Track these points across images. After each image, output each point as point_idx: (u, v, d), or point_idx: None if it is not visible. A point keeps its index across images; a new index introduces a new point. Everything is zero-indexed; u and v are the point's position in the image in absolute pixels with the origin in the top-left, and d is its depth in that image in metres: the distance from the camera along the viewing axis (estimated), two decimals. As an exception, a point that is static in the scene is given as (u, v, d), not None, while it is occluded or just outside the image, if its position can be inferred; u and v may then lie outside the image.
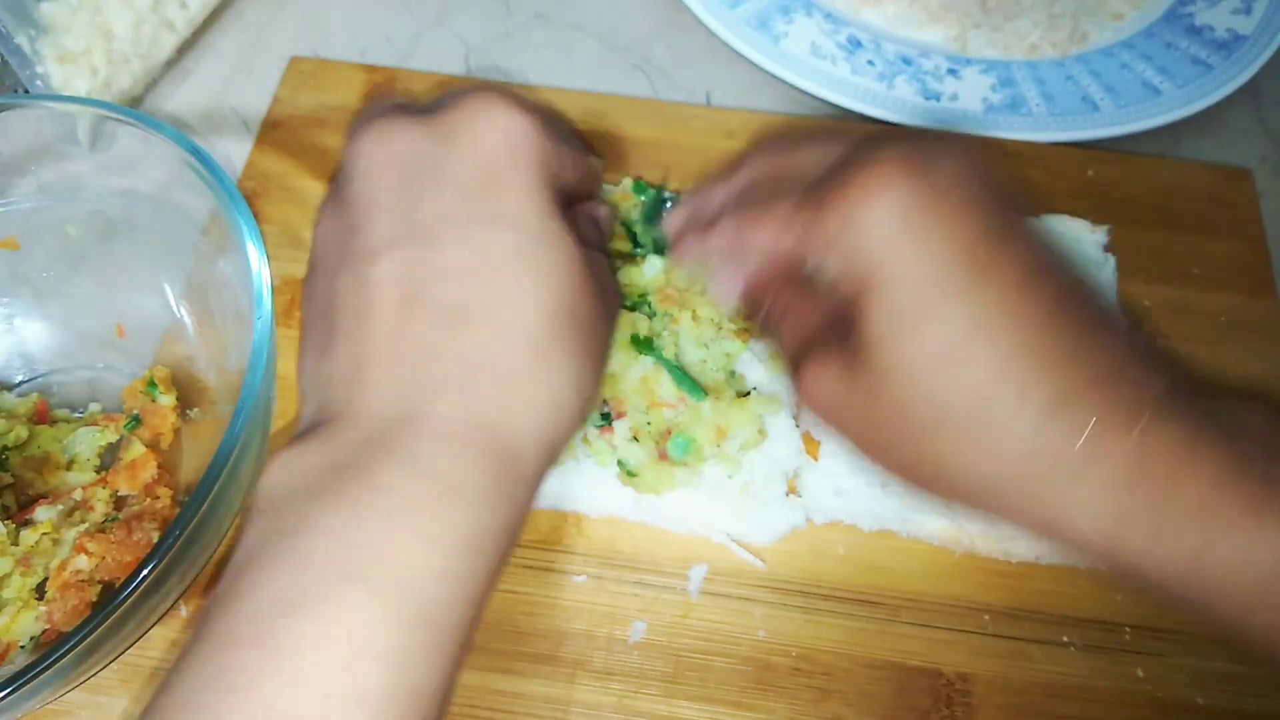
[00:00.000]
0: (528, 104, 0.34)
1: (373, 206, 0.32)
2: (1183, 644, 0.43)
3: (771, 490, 0.44)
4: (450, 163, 0.32)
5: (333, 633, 0.26)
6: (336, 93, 0.58)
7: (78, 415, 0.47)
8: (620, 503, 0.44)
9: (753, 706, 0.41)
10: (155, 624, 0.39)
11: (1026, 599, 0.44)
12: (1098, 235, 0.51)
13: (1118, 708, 0.42)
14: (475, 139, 0.32)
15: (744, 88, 0.60)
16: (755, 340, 0.47)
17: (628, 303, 0.47)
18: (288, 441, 0.31)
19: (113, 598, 0.33)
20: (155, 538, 0.41)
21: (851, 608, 0.43)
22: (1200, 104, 0.56)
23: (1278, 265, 0.53)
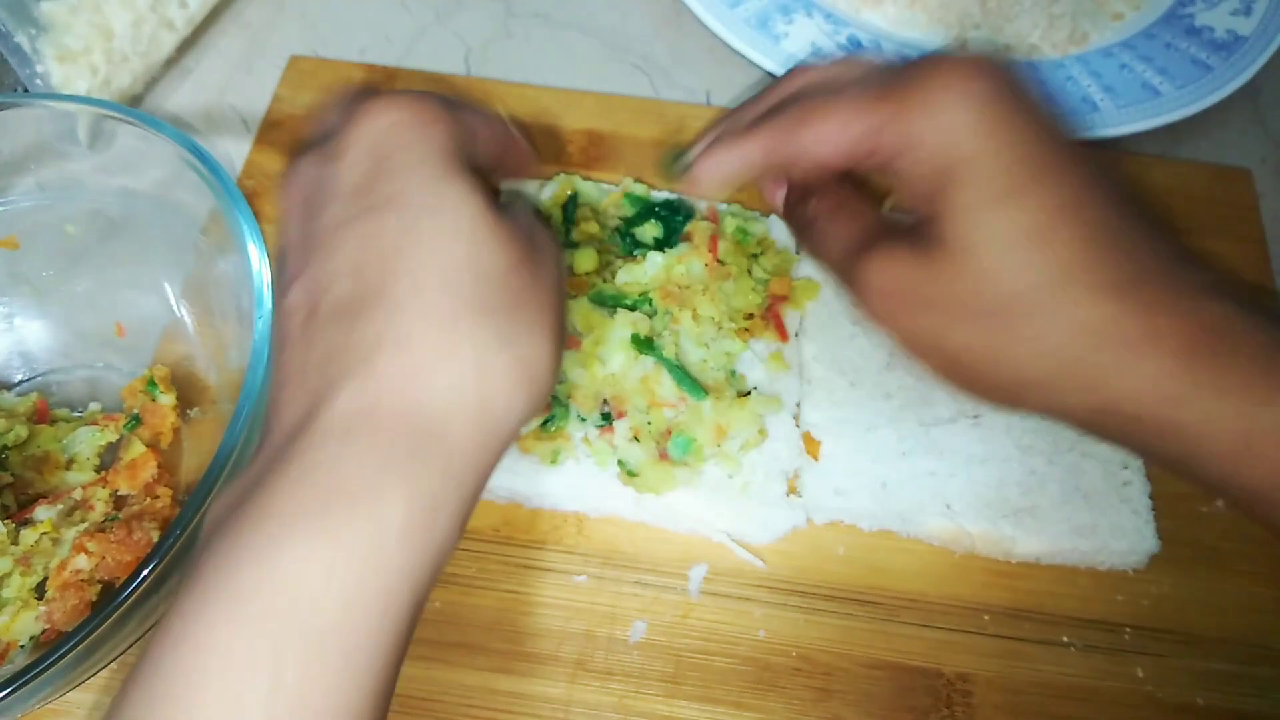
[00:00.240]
0: (418, 93, 0.32)
1: (286, 249, 0.32)
2: (1183, 644, 0.43)
3: (771, 490, 0.44)
4: (340, 174, 0.31)
5: (217, 667, 0.25)
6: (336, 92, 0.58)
7: (77, 414, 0.47)
8: (620, 503, 0.44)
9: (753, 706, 0.41)
10: (155, 624, 0.39)
11: (1026, 599, 0.44)
12: (1097, 236, 0.51)
13: (1118, 708, 0.42)
14: (360, 140, 0.31)
15: (744, 88, 0.60)
16: (755, 339, 0.47)
17: (628, 302, 0.47)
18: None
19: (113, 597, 0.33)
20: (155, 537, 0.41)
21: (851, 608, 0.43)
22: (1200, 105, 0.56)
23: (1277, 265, 0.53)
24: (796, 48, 0.59)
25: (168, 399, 0.46)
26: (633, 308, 0.46)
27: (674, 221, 0.50)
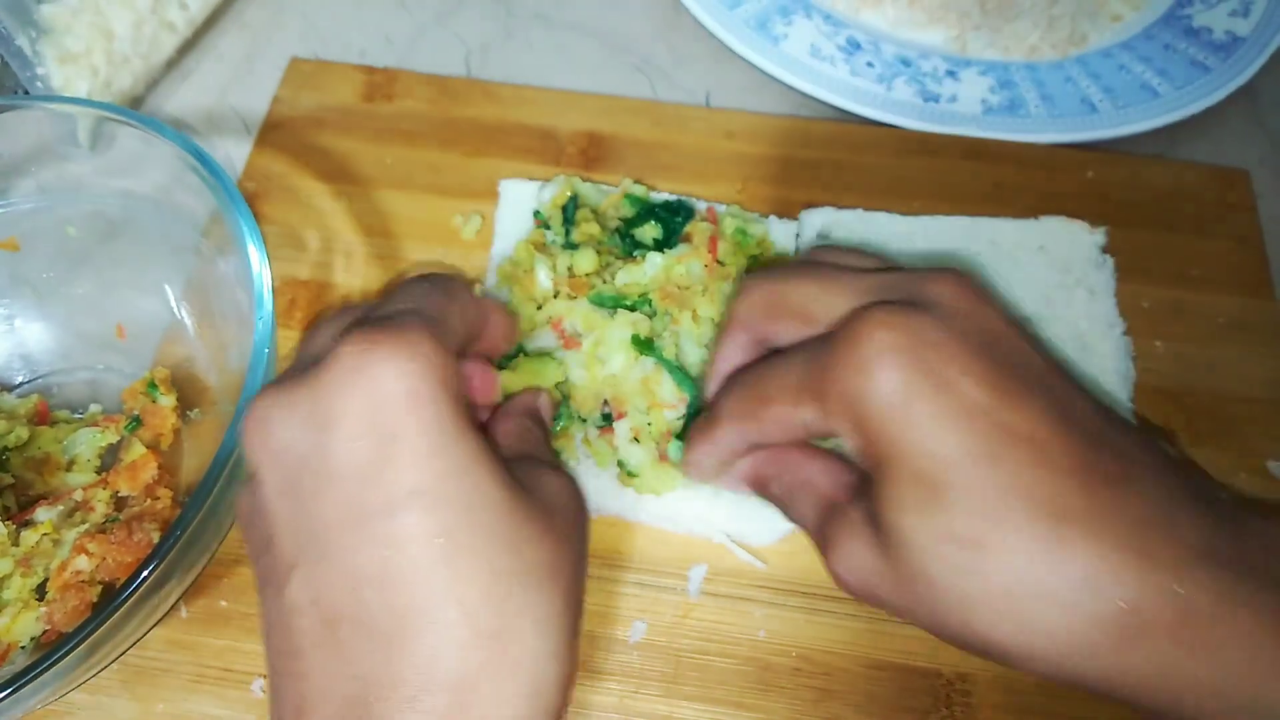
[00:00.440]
0: (401, 328, 0.29)
1: (272, 520, 0.30)
2: (1182, 644, 0.43)
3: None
4: (331, 451, 0.28)
5: None
6: (336, 94, 0.58)
7: (78, 416, 0.47)
8: (620, 503, 0.44)
9: (753, 707, 0.41)
10: (155, 624, 0.39)
11: (1026, 599, 0.44)
12: (1096, 236, 0.51)
13: (1117, 708, 0.41)
14: (353, 411, 0.28)
15: (743, 89, 0.61)
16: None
17: (628, 303, 0.47)
18: None
19: (113, 598, 0.33)
20: (155, 538, 0.41)
21: (851, 608, 0.43)
22: (1198, 105, 0.56)
23: (1275, 266, 0.53)
24: (796, 49, 0.59)
25: (168, 400, 0.46)
26: (633, 308, 0.46)
27: (674, 222, 0.50)
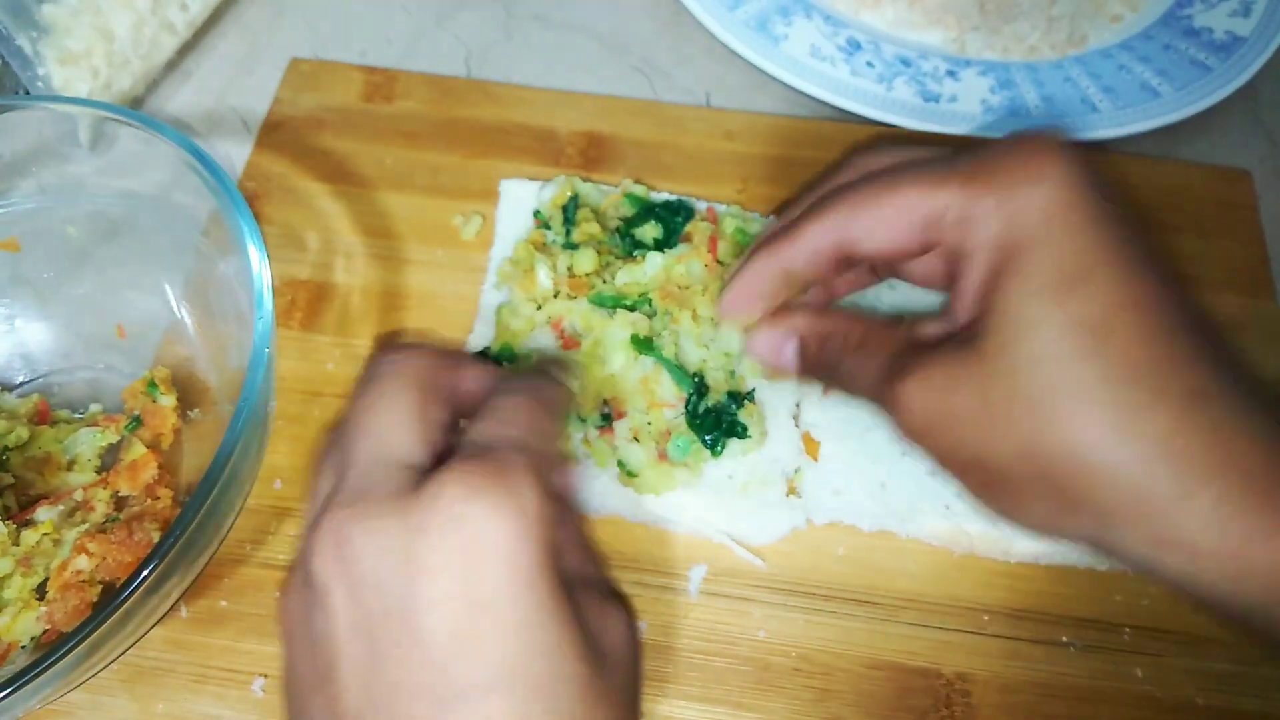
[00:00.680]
0: (505, 477, 0.28)
1: (339, 656, 0.28)
2: (1182, 644, 0.43)
3: (771, 491, 0.44)
4: (419, 607, 0.27)
5: None
6: (336, 94, 0.58)
7: (79, 416, 0.47)
8: (620, 503, 0.44)
9: (752, 706, 0.41)
10: (155, 624, 0.39)
11: (1026, 599, 0.44)
12: (1096, 236, 0.51)
13: (1117, 708, 0.42)
14: (444, 568, 0.27)
15: (743, 89, 0.61)
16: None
17: (627, 303, 0.47)
18: None
19: (113, 598, 0.33)
20: (156, 538, 0.41)
21: (851, 608, 0.43)
22: (1199, 106, 0.56)
23: (1276, 266, 0.53)
24: (796, 49, 0.59)
25: (168, 400, 0.46)
26: (632, 308, 0.46)
27: (674, 222, 0.50)
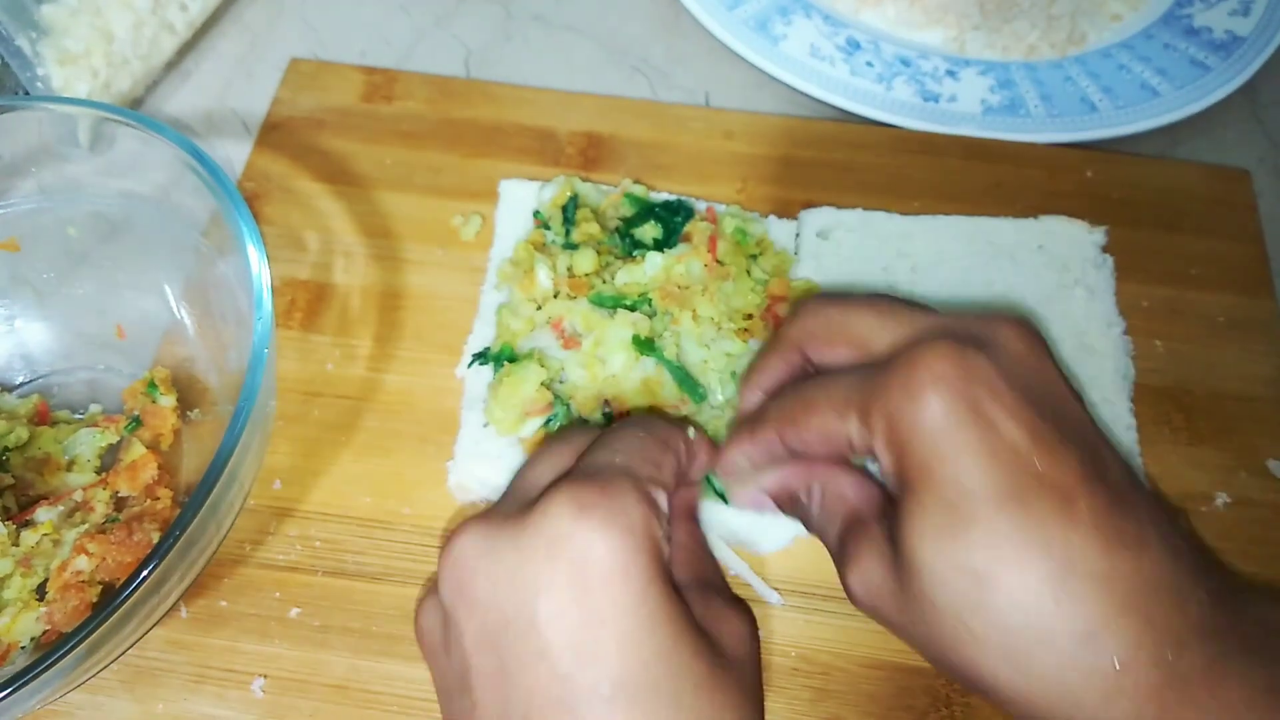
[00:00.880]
0: (610, 495, 0.31)
1: (472, 670, 0.31)
2: (1181, 644, 0.43)
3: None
4: (537, 623, 0.30)
5: None
6: (336, 94, 0.58)
7: (78, 416, 0.47)
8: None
9: (752, 706, 0.41)
10: (155, 624, 0.39)
11: (1025, 599, 0.44)
12: (1096, 236, 0.51)
13: None
14: (557, 585, 0.30)
15: (743, 89, 0.61)
16: (754, 339, 0.47)
17: (628, 303, 0.47)
18: None
19: (113, 598, 0.33)
20: (155, 539, 0.41)
21: (851, 609, 0.43)
22: (1198, 105, 0.56)
23: (1275, 265, 0.53)
24: (795, 49, 0.59)
25: (168, 401, 0.46)
26: (633, 308, 0.46)
27: (673, 222, 0.50)
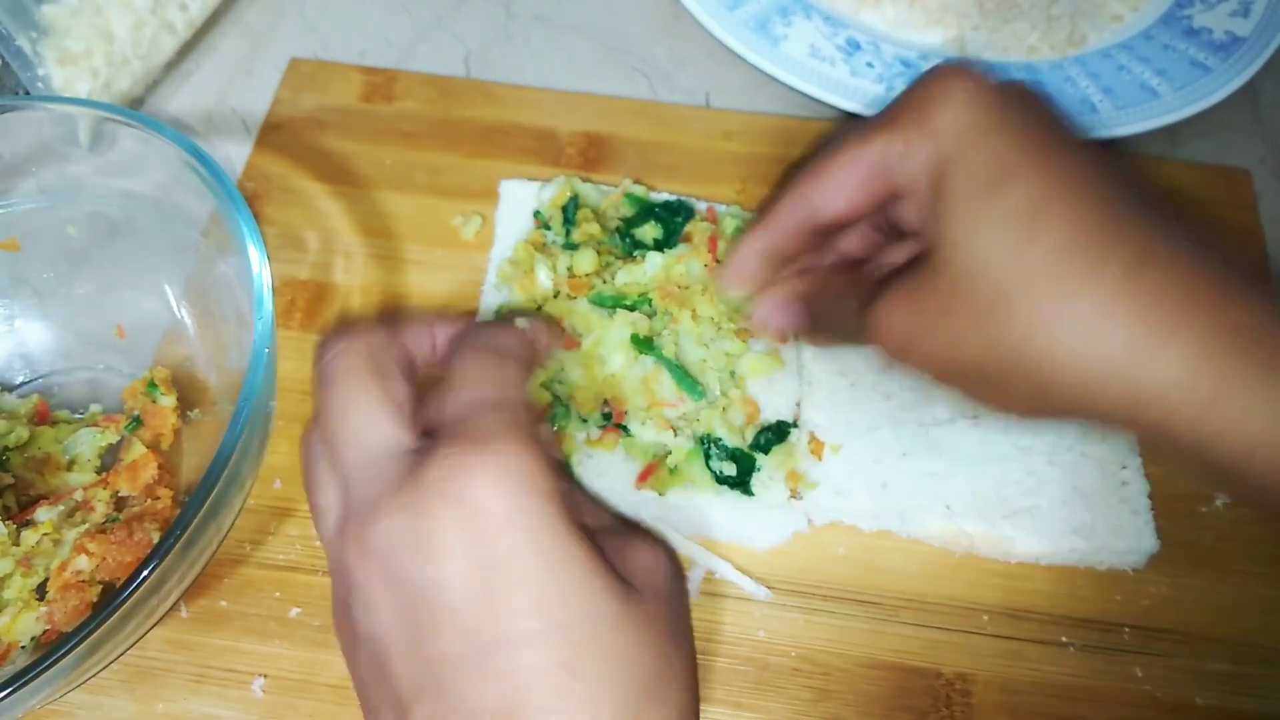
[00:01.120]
0: (485, 443, 0.29)
1: (389, 650, 0.30)
2: (1182, 644, 0.43)
3: (774, 493, 0.44)
4: (442, 584, 0.29)
5: None
6: (336, 94, 0.58)
7: (78, 416, 0.47)
8: (623, 505, 0.44)
9: (752, 706, 0.41)
10: (155, 624, 0.39)
11: (1025, 599, 0.44)
12: (1096, 236, 0.51)
13: (1117, 708, 0.42)
14: (452, 543, 0.29)
15: (743, 89, 0.61)
16: (754, 338, 0.47)
17: (627, 303, 0.47)
18: None
19: (113, 598, 0.33)
20: (156, 538, 0.41)
21: (851, 608, 0.43)
22: (1198, 106, 0.56)
23: (1276, 266, 0.53)
24: (795, 50, 0.59)
25: (168, 400, 0.46)
26: (632, 308, 0.46)
27: (673, 222, 0.50)
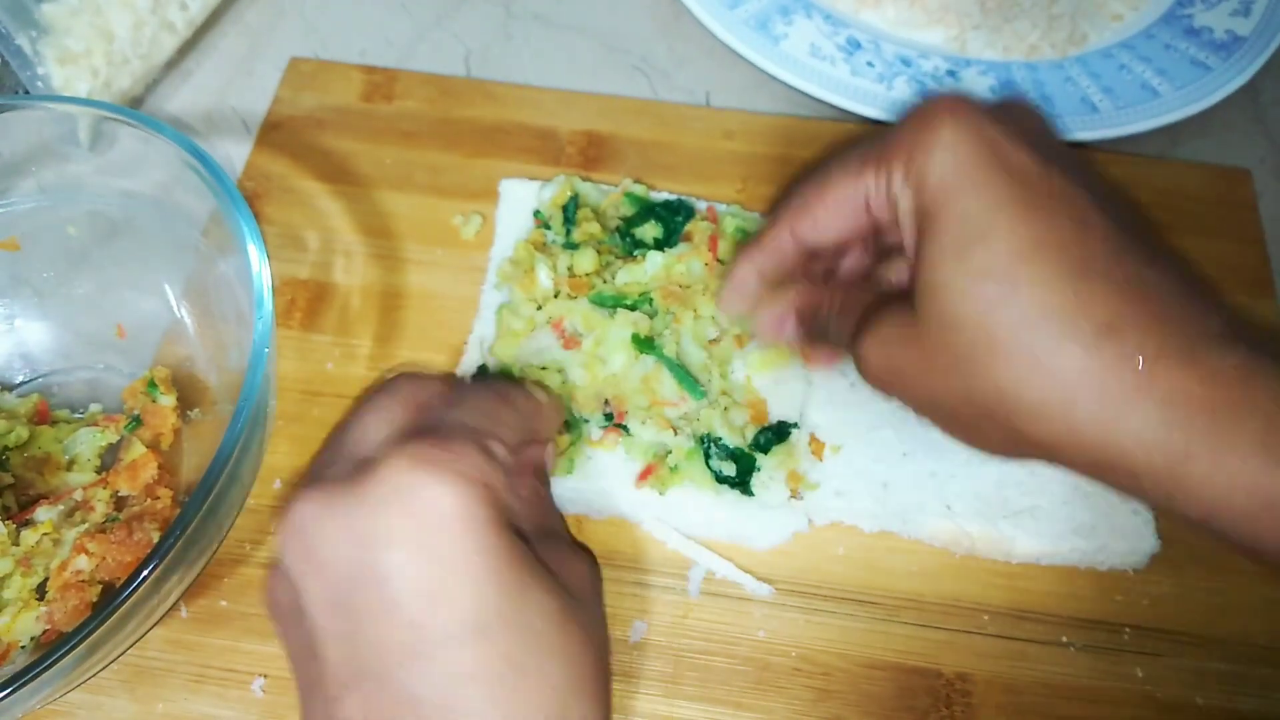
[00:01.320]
0: (447, 447, 0.30)
1: (320, 632, 0.30)
2: (1182, 644, 0.43)
3: (774, 493, 0.44)
4: (384, 575, 0.29)
5: None
6: (336, 94, 0.58)
7: (78, 416, 0.47)
8: (624, 505, 0.44)
9: (752, 706, 0.41)
10: (155, 624, 0.39)
11: (1026, 600, 0.44)
12: (1097, 236, 0.51)
13: (1117, 708, 0.42)
14: (400, 537, 0.29)
15: (743, 88, 0.61)
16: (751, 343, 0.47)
17: (628, 302, 0.47)
18: None
19: (113, 598, 0.33)
20: (155, 538, 0.41)
21: (851, 608, 0.43)
22: (1199, 105, 0.56)
23: (1277, 266, 0.53)
24: (796, 49, 0.59)
25: (168, 400, 0.46)
26: (633, 308, 0.46)
27: (674, 222, 0.50)
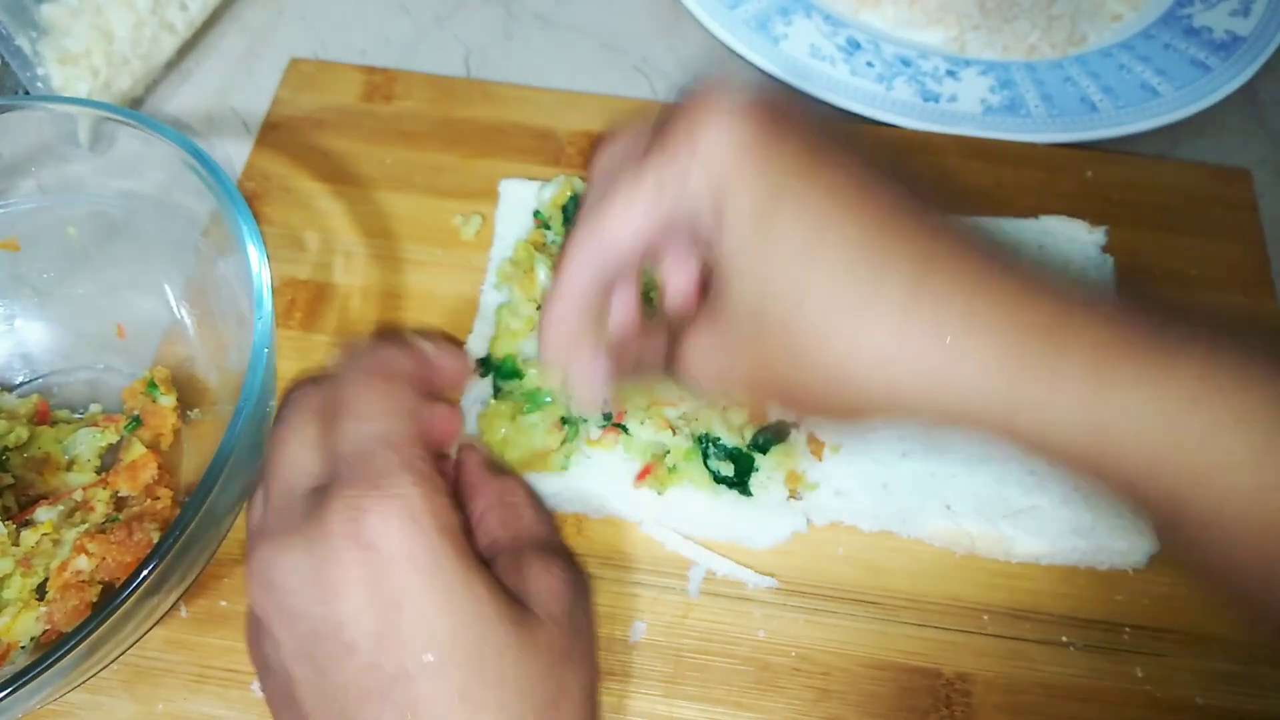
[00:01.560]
0: (381, 488, 0.30)
1: (293, 681, 0.31)
2: (1182, 644, 0.43)
3: (773, 493, 0.44)
4: (340, 624, 0.30)
5: None
6: (336, 94, 0.58)
7: (78, 416, 0.47)
8: (624, 505, 0.44)
9: (752, 706, 0.41)
10: (155, 624, 0.39)
11: (1026, 599, 0.44)
12: (1096, 236, 0.51)
13: (1117, 708, 0.42)
14: (351, 586, 0.30)
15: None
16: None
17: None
18: None
19: (113, 598, 0.33)
20: (155, 538, 0.41)
21: (851, 608, 0.43)
22: (1199, 105, 0.56)
23: (1276, 266, 0.53)
24: (796, 49, 0.59)
25: (168, 400, 0.46)
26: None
27: (673, 222, 0.50)
